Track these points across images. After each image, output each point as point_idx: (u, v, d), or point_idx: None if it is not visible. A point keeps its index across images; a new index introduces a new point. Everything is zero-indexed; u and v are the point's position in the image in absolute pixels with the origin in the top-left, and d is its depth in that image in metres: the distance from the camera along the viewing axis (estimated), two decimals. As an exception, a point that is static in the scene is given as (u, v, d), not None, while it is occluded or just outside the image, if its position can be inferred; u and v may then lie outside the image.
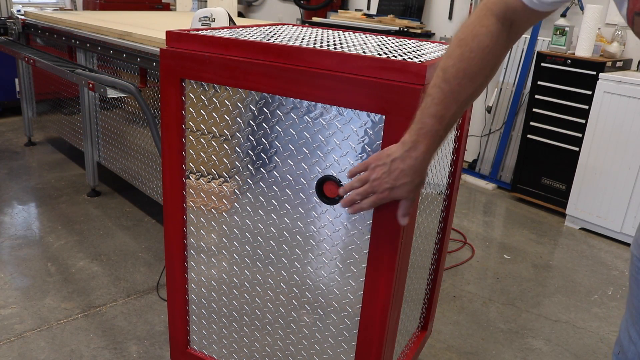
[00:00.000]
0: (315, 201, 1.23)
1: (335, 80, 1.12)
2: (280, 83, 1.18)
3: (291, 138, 1.22)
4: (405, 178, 1.01)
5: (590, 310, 2.38)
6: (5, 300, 2.18)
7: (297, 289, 1.32)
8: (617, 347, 1.16)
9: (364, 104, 1.11)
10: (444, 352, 2.04)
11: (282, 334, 1.38)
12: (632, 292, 1.10)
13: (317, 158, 1.20)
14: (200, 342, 1.56)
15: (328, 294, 1.28)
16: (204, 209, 1.40)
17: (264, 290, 1.37)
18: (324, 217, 1.23)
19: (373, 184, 1.03)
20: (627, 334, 1.13)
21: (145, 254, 2.60)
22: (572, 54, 3.21)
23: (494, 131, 3.86)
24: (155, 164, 2.63)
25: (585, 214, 3.16)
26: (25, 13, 3.65)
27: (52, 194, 3.21)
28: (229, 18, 2.29)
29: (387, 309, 1.20)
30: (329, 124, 1.17)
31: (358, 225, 1.19)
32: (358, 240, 1.20)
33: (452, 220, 1.70)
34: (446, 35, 4.17)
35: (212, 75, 1.27)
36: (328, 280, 1.27)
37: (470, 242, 2.95)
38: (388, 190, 1.02)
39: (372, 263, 1.19)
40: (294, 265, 1.31)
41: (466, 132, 1.58)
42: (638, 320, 1.08)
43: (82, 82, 2.51)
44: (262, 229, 1.33)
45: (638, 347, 1.09)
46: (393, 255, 1.16)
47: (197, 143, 1.36)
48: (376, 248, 1.17)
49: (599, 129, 3.04)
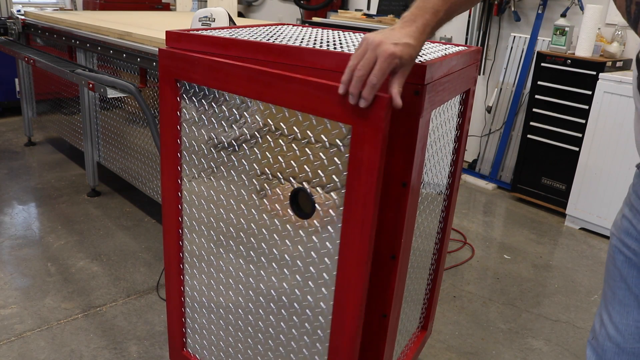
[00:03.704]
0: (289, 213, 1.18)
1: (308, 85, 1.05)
2: (258, 86, 1.13)
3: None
4: (406, 38, 0.95)
5: (590, 310, 2.38)
6: (5, 300, 2.18)
7: (275, 292, 1.27)
8: (591, 333, 1.17)
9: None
10: (444, 352, 2.04)
11: (270, 341, 1.33)
12: (607, 273, 1.11)
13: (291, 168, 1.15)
14: (194, 345, 1.55)
15: (302, 301, 1.22)
16: (195, 211, 1.39)
17: (256, 295, 1.33)
18: (297, 232, 1.18)
19: (376, 49, 0.93)
20: (599, 318, 1.14)
21: (145, 254, 2.60)
22: (572, 54, 3.21)
23: (494, 131, 3.86)
24: (155, 164, 2.63)
25: (585, 214, 3.16)
26: (25, 13, 3.65)
27: (52, 194, 3.21)
28: (229, 18, 2.29)
29: (357, 322, 1.12)
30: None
31: (331, 230, 1.12)
32: (330, 245, 1.14)
33: (452, 220, 1.70)
34: (446, 35, 4.17)
35: (199, 76, 1.24)
36: (298, 288, 1.22)
37: (470, 242, 2.95)
38: (393, 45, 0.93)
39: (340, 271, 1.12)
40: (272, 271, 1.26)
41: (466, 132, 1.58)
42: (612, 301, 1.09)
43: (82, 82, 2.51)
44: (243, 236, 1.30)
45: (608, 329, 1.10)
46: (361, 264, 1.07)
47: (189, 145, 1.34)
48: (345, 257, 1.11)
49: (599, 129, 3.04)
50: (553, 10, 3.57)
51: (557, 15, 3.45)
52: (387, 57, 0.92)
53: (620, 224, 1.08)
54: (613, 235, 1.10)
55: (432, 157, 1.32)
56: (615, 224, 1.10)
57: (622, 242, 1.06)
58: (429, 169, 1.32)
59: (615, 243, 1.08)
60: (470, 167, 4.02)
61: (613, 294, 1.09)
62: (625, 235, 1.05)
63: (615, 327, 1.08)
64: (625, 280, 1.06)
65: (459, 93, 1.42)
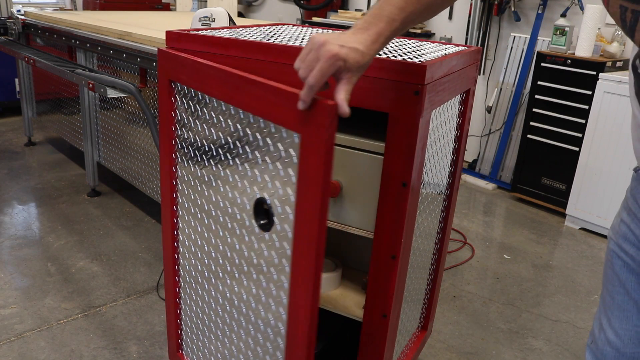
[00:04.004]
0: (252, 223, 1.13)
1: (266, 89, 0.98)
2: (228, 90, 1.07)
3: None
4: (355, 43, 0.89)
5: (590, 310, 2.38)
6: (5, 300, 2.18)
7: (243, 301, 1.22)
8: (590, 337, 1.16)
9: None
10: (444, 352, 2.04)
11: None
12: (606, 278, 1.10)
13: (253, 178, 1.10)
14: (186, 348, 1.54)
15: (266, 312, 1.17)
16: (186, 213, 1.37)
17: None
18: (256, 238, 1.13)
19: (319, 49, 0.87)
20: (598, 322, 1.13)
21: (145, 254, 2.60)
22: (572, 54, 3.21)
23: (494, 131, 3.86)
24: (155, 164, 2.63)
25: (585, 214, 3.16)
26: (25, 13, 3.65)
27: (52, 194, 3.21)
28: (229, 18, 2.29)
29: (306, 341, 1.03)
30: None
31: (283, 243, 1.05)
32: (286, 263, 1.06)
33: (452, 220, 1.70)
34: (446, 35, 4.17)
35: (185, 77, 1.22)
36: (259, 300, 1.17)
37: (470, 242, 2.95)
38: (338, 46, 0.86)
39: (293, 280, 1.03)
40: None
41: (466, 132, 1.58)
42: (610, 306, 1.08)
43: (82, 82, 2.51)
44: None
45: (607, 334, 1.09)
46: (308, 284, 0.98)
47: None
48: (295, 279, 1.02)
49: (599, 129, 3.04)
50: (553, 10, 3.57)
51: (557, 15, 3.45)
52: (329, 58, 0.86)
53: (618, 228, 1.06)
54: (611, 239, 1.08)
55: (432, 157, 1.32)
56: (613, 228, 1.08)
57: (620, 247, 1.05)
58: (429, 169, 1.32)
59: (613, 248, 1.07)
60: (470, 167, 4.02)
61: (612, 298, 1.08)
62: (623, 241, 1.04)
63: (615, 332, 1.08)
64: (624, 286, 1.05)
65: (459, 93, 1.42)
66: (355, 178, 1.27)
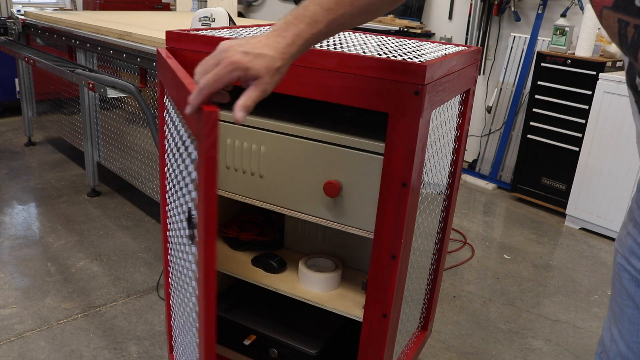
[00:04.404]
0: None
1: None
2: (176, 92, 1.02)
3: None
4: (265, 49, 0.83)
5: (590, 310, 2.38)
6: (5, 300, 2.18)
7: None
8: (600, 347, 1.14)
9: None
10: (444, 352, 2.04)
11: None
12: (614, 289, 1.09)
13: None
14: (176, 350, 1.54)
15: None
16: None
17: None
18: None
19: (221, 54, 0.83)
20: (609, 333, 1.11)
21: (145, 254, 2.60)
22: (572, 54, 3.21)
23: (494, 131, 3.86)
24: (155, 164, 2.63)
25: (585, 214, 3.16)
26: (25, 13, 3.65)
27: (52, 194, 3.21)
28: (229, 18, 2.29)
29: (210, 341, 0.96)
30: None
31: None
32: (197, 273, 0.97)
33: (452, 220, 1.70)
34: (446, 35, 4.17)
35: (163, 78, 1.20)
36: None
37: (470, 242, 2.95)
38: (241, 54, 0.82)
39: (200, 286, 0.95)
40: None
41: (466, 132, 1.58)
42: (620, 318, 1.07)
43: (82, 82, 2.51)
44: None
45: (619, 346, 1.07)
46: (208, 297, 0.90)
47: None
48: (201, 270, 0.94)
49: (599, 129, 3.04)
50: (553, 10, 3.57)
51: (557, 15, 3.45)
52: (226, 65, 0.82)
53: (624, 241, 1.02)
54: (618, 252, 1.05)
55: (432, 157, 1.32)
56: (619, 240, 1.04)
57: (627, 261, 1.02)
58: (429, 169, 1.32)
59: (620, 261, 1.03)
60: (470, 167, 4.02)
61: (621, 311, 1.06)
62: (630, 255, 1.01)
63: (627, 345, 1.06)
64: (633, 300, 1.03)
65: (459, 93, 1.42)
66: (355, 178, 1.27)
